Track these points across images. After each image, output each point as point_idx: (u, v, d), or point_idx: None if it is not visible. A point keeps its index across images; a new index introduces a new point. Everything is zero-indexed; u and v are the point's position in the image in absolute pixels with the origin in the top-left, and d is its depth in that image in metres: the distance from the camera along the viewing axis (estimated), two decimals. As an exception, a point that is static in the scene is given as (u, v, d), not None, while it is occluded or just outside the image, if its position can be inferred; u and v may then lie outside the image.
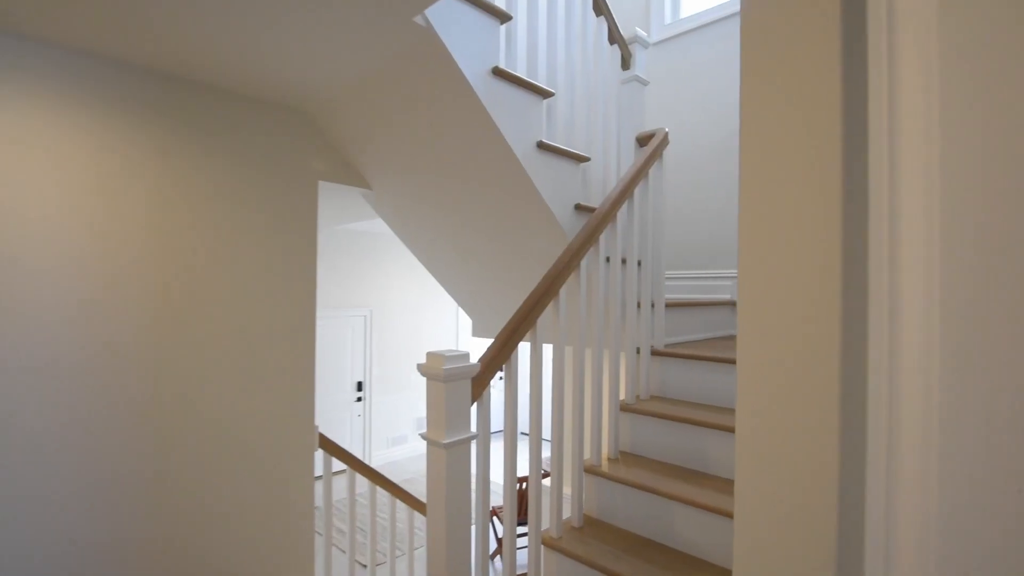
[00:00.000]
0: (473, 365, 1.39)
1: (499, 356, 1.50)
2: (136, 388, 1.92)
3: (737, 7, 3.04)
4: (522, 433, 8.91)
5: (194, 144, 2.02)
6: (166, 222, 1.98)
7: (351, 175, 2.47)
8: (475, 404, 1.47)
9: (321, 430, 6.22)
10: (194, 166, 2.03)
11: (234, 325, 2.14)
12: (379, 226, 5.37)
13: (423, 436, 1.41)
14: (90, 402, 1.83)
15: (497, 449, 7.56)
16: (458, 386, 1.38)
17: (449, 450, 1.35)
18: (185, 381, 2.02)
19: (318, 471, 4.98)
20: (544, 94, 1.91)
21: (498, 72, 1.73)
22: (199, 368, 2.05)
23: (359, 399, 6.49)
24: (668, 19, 3.43)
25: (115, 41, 1.71)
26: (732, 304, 2.96)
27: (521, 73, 1.89)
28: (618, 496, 1.82)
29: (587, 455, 2.13)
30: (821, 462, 0.43)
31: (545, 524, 3.89)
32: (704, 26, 3.20)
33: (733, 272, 3.03)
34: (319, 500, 5.16)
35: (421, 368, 1.39)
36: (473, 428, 1.44)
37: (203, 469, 2.08)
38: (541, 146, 1.89)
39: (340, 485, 5.68)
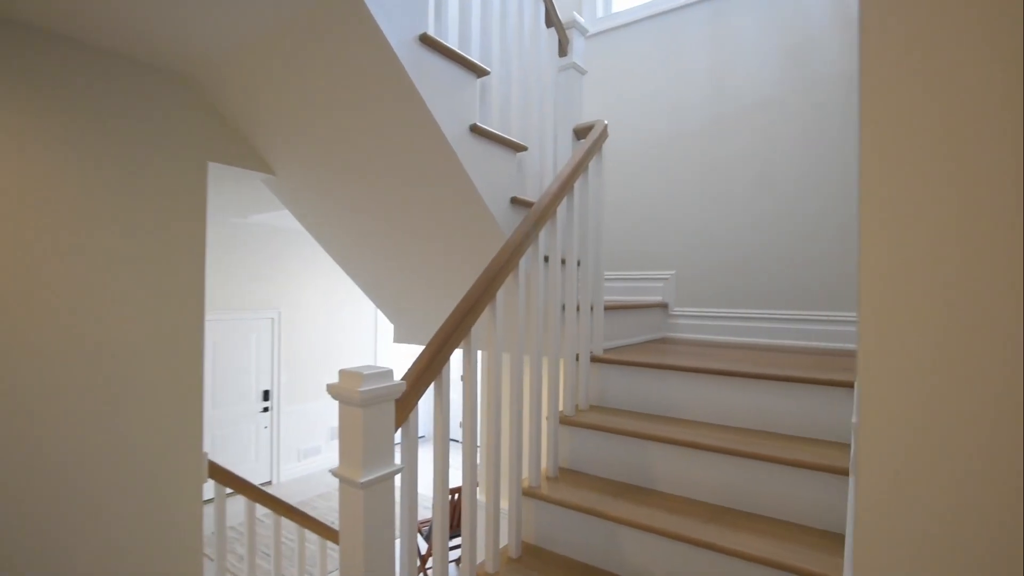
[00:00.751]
0: (397, 384, 1.15)
1: (429, 371, 1.27)
2: (-51, 419, 1.48)
3: (670, 5, 2.99)
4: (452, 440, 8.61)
5: (35, 107, 1.60)
6: (-5, 205, 1.55)
7: (249, 157, 2.11)
8: (399, 430, 1.23)
9: (222, 445, 5.61)
10: (37, 137, 1.61)
11: (92, 334, 1.73)
12: (289, 219, 4.89)
13: (334, 473, 1.15)
14: None
15: (424, 454, 7.23)
16: (379, 410, 1.13)
17: (367, 490, 1.10)
18: (23, 404, 1.60)
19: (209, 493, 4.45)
20: (479, 71, 1.69)
21: (427, 40, 1.50)
22: (43, 388, 1.63)
23: (265, 409, 5.93)
24: (600, 13, 3.34)
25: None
26: (664, 306, 2.92)
27: (452, 45, 1.66)
28: (560, 520, 1.65)
29: (524, 473, 1.95)
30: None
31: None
32: (637, 22, 3.13)
33: (664, 274, 2.99)
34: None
35: (332, 389, 1.13)
36: (398, 459, 1.20)
37: (52, 511, 1.66)
38: (475, 130, 1.68)
39: (238, 507, 5.12)
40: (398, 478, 3.00)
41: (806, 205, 2.57)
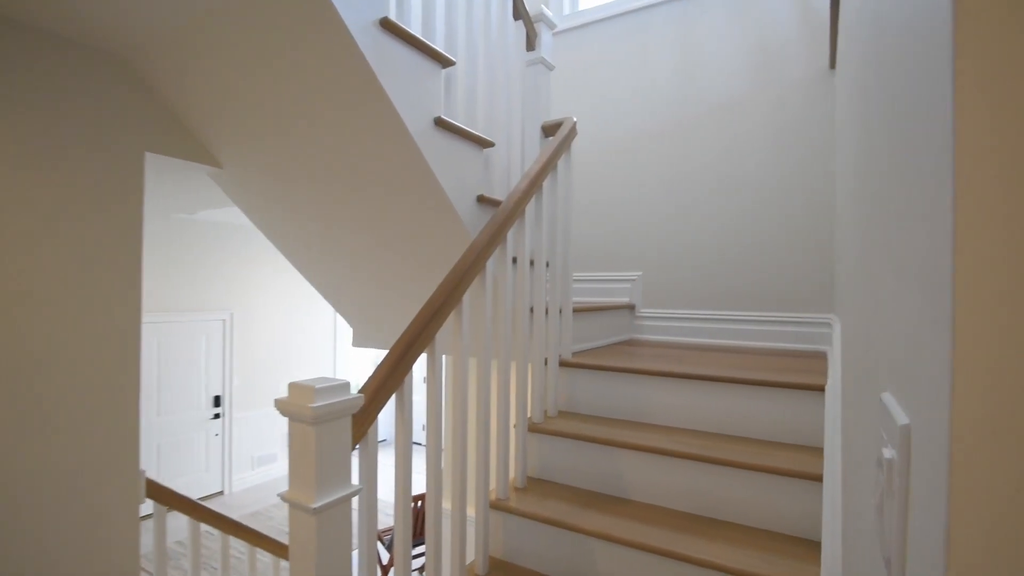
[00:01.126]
0: (354, 399, 1.05)
1: (389, 382, 1.18)
2: None
3: (637, 4, 2.96)
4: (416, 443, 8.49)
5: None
6: None
7: (193, 148, 1.95)
8: (357, 447, 1.13)
9: (169, 455, 5.29)
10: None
11: (12, 338, 1.55)
12: (241, 215, 4.65)
13: (284, 497, 1.04)
14: None
15: (386, 459, 7.04)
16: (334, 428, 1.03)
17: (321, 515, 1.00)
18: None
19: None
20: (444, 61, 1.60)
21: (388, 25, 1.40)
22: (-51, 406, 1.45)
23: (217, 416, 5.64)
24: (567, 9, 3.29)
25: None
26: (631, 308, 2.89)
27: (416, 32, 1.56)
28: (528, 532, 1.58)
29: (491, 484, 1.87)
30: None
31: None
32: (604, 20, 3.09)
33: (631, 275, 2.96)
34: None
35: (281, 405, 1.02)
36: (355, 480, 1.10)
37: (-43, 547, 1.47)
38: (440, 124, 1.59)
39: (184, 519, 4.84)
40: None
41: (772, 207, 2.58)
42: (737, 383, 1.64)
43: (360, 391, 1.13)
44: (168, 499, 1.87)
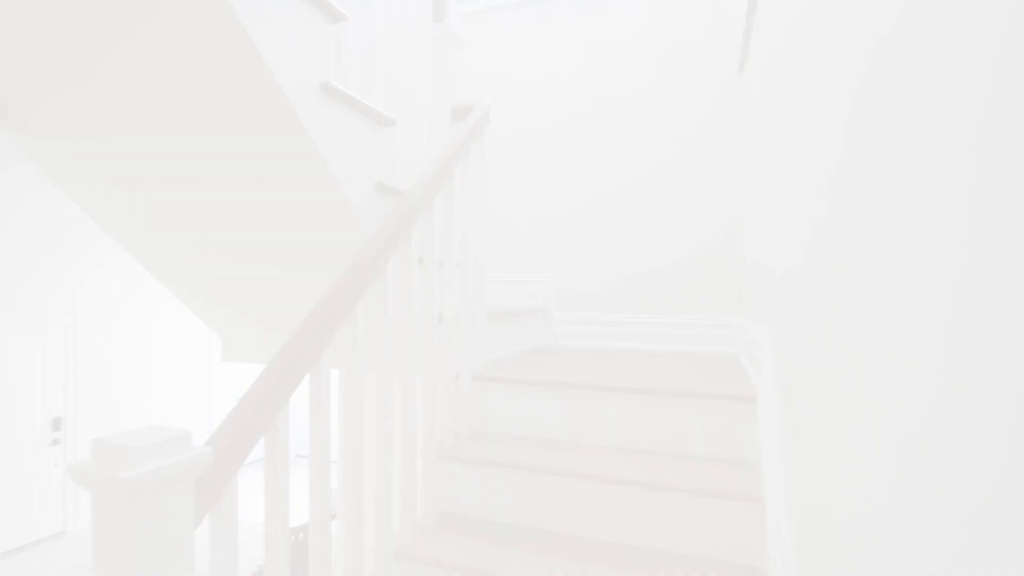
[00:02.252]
0: (196, 456, 0.74)
1: (256, 424, 0.87)
2: None
3: (548, -11, 2.81)
4: (298, 456, 7.83)
5: None
6: None
7: (-17, 106, 1.45)
8: (207, 517, 0.82)
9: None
10: None
11: None
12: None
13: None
14: None
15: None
16: (164, 501, 0.71)
17: (141, 634, 0.68)
18: None
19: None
20: (333, 14, 1.30)
21: (255, -46, 1.07)
22: None
23: (56, 441, 4.71)
24: (475, -10, 3.06)
25: None
26: (544, 311, 2.73)
27: (296, -26, 1.24)
28: (440, 584, 1.33)
29: (395, 526, 1.59)
30: None
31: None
32: (514, 5, 2.90)
33: (543, 276, 2.80)
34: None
35: (79, 474, 0.69)
36: (202, 570, 0.79)
37: None
38: (327, 90, 1.28)
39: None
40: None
41: (682, 208, 2.54)
42: (670, 395, 1.51)
43: (208, 443, 0.82)
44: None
